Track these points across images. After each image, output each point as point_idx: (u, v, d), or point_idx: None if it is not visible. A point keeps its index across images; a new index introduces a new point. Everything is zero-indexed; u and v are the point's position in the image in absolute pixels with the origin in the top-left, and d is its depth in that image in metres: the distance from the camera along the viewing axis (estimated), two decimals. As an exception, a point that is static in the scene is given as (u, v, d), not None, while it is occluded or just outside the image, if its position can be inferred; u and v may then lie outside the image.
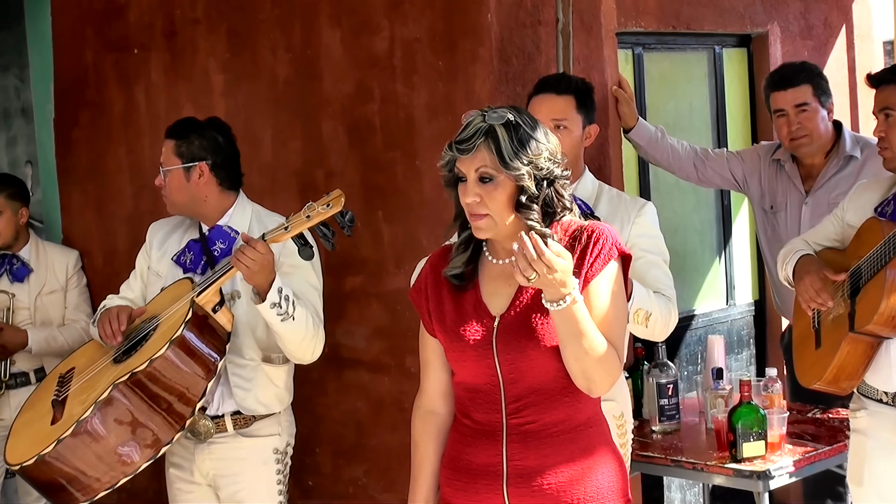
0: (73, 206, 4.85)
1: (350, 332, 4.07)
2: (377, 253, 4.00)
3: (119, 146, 4.67)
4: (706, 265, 4.67)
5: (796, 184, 4.04)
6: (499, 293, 2.46)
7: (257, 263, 3.04)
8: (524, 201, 2.39)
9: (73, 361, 3.35)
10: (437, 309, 2.50)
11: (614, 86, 3.99)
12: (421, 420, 2.58)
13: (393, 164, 3.98)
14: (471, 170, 2.39)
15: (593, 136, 3.35)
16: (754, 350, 4.77)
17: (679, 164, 4.10)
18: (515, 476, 2.42)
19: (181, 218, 3.43)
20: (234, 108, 4.28)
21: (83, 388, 3.13)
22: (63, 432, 2.99)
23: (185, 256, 3.32)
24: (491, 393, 2.44)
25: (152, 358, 3.00)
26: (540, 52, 3.85)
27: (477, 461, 2.46)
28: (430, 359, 2.57)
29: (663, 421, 3.69)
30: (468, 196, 2.39)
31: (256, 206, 3.41)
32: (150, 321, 3.17)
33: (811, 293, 3.10)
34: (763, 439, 3.37)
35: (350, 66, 4.06)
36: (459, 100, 3.80)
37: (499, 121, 2.38)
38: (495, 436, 2.44)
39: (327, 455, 4.23)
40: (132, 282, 3.45)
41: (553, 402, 2.42)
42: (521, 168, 2.37)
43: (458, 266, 2.48)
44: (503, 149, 2.36)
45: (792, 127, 3.94)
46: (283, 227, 3.06)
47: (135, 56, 4.60)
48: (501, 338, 2.42)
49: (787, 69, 4.08)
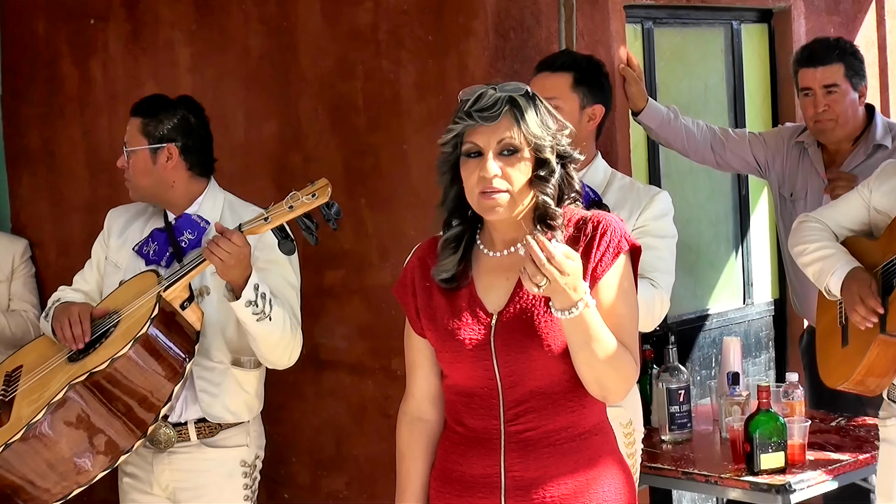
0: (23, 192, 4.88)
1: (330, 331, 4.11)
2: (360, 245, 4.04)
3: (74, 126, 4.70)
4: (721, 260, 4.73)
5: (818, 170, 4.10)
6: (496, 287, 2.49)
7: (233, 257, 3.04)
8: (543, 175, 2.43)
9: (21, 358, 3.36)
10: (427, 306, 2.52)
11: (622, 64, 4.03)
12: (408, 428, 2.60)
13: (377, 147, 4.02)
14: (492, 141, 2.41)
15: (598, 118, 3.39)
16: (773, 353, 4.83)
17: (695, 146, 4.14)
18: (514, 488, 2.45)
19: (144, 205, 3.46)
20: (202, 85, 4.31)
21: (33, 388, 3.15)
22: (10, 437, 3.00)
23: (149, 247, 3.34)
24: (488, 397, 2.46)
25: (114, 357, 3.01)
26: (540, 25, 3.90)
27: (472, 472, 2.48)
28: (417, 360, 2.59)
29: (674, 430, 3.74)
30: (489, 169, 2.40)
31: (229, 195, 3.44)
32: (110, 316, 3.19)
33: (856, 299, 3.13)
34: (783, 450, 3.42)
35: (330, 40, 4.10)
36: (451, 77, 3.84)
37: (517, 91, 2.43)
38: (492, 444, 2.47)
39: (305, 465, 4.27)
40: (87, 273, 3.46)
41: (556, 408, 2.45)
42: (545, 139, 2.42)
43: (449, 268, 2.50)
44: (529, 118, 2.41)
45: (818, 108, 4.00)
46: (262, 218, 3.07)
47: (91, 26, 4.63)
48: (500, 337, 2.45)
49: (818, 45, 4.12)
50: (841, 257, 3.24)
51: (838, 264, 3.23)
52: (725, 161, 4.21)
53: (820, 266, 3.29)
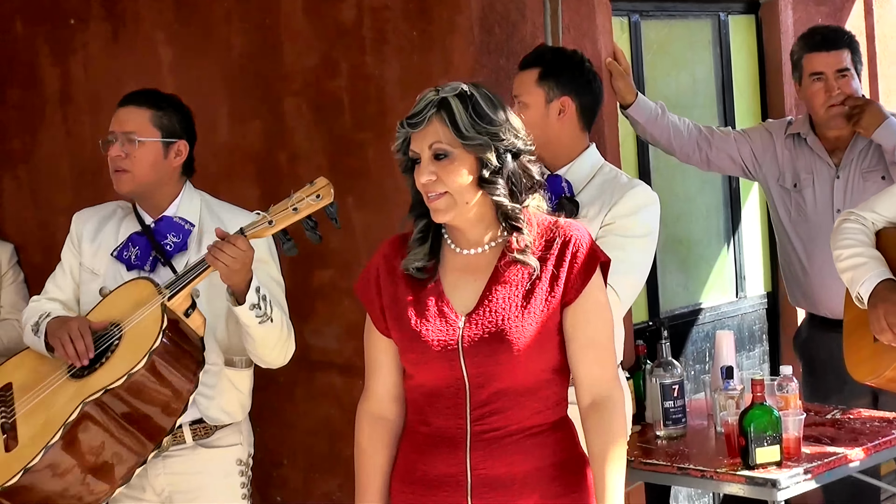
0: (6, 195, 4.87)
1: (320, 331, 4.11)
2: (348, 244, 4.04)
3: (56, 128, 4.69)
4: (713, 254, 4.74)
5: (823, 157, 4.11)
6: (464, 287, 2.50)
7: (237, 261, 3.03)
8: (487, 176, 2.44)
9: (7, 375, 3.28)
10: (393, 306, 2.53)
11: (608, 58, 4.03)
12: (369, 426, 2.60)
13: (363, 145, 4.02)
14: (424, 146, 2.45)
15: (568, 109, 3.33)
16: (767, 346, 4.84)
17: (681, 144, 4.15)
18: (480, 485, 2.47)
19: (112, 207, 3.40)
20: (185, 85, 4.30)
21: (37, 409, 3.09)
22: (29, 461, 2.95)
23: (129, 251, 3.30)
24: (454, 397, 2.48)
25: (130, 372, 2.98)
26: (525, 19, 3.90)
27: (435, 471, 2.49)
28: (379, 359, 2.60)
29: (668, 425, 3.75)
30: (422, 175, 2.45)
31: (205, 195, 3.41)
32: (111, 329, 3.13)
33: (884, 325, 3.20)
34: (778, 444, 3.42)
35: (314, 37, 4.09)
36: (436, 73, 3.84)
37: (452, 92, 2.45)
38: (456, 443, 2.48)
39: (297, 468, 4.27)
40: (61, 281, 3.38)
41: (521, 407, 2.47)
42: (478, 139, 2.43)
43: (420, 258, 2.51)
44: (458, 120, 2.42)
45: (832, 92, 4.00)
46: (266, 221, 3.07)
47: (71, 27, 4.62)
48: (469, 340, 2.46)
49: (826, 30, 4.14)
50: (872, 267, 3.30)
51: (868, 274, 3.29)
52: (712, 159, 4.21)
53: (851, 275, 3.35)
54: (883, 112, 3.94)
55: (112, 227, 3.35)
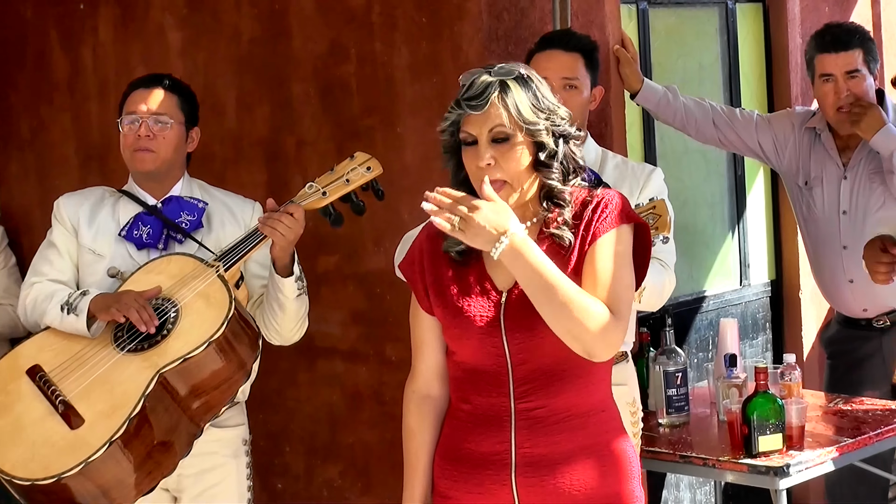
0: (12, 179, 4.88)
1: (324, 317, 4.12)
2: (354, 229, 4.04)
3: (63, 112, 4.70)
4: (717, 241, 4.75)
5: (833, 156, 4.08)
6: (504, 265, 2.50)
7: (293, 232, 3.10)
8: (544, 159, 2.46)
9: (28, 360, 3.22)
10: (436, 283, 2.55)
11: (616, 45, 4.03)
12: (416, 405, 2.62)
13: (371, 130, 4.03)
14: (483, 130, 2.44)
15: (598, 99, 3.45)
16: (771, 335, 4.85)
17: (695, 125, 4.14)
18: (524, 465, 2.48)
19: (98, 191, 3.41)
20: (193, 70, 4.31)
21: (94, 386, 3.07)
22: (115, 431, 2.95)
23: (140, 230, 3.32)
24: (497, 375, 2.49)
25: (211, 339, 3.02)
26: (534, 6, 3.91)
27: (480, 450, 2.51)
28: (425, 338, 2.61)
29: (671, 413, 3.76)
30: (481, 159, 2.43)
31: (199, 181, 3.45)
32: (161, 303, 3.14)
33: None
34: (780, 432, 3.44)
35: (323, 23, 4.10)
36: (445, 59, 3.85)
37: (509, 75, 2.45)
38: (501, 422, 2.49)
39: (298, 454, 4.29)
40: (58, 263, 3.35)
41: (564, 385, 2.48)
42: (539, 123, 2.44)
43: (460, 242, 2.50)
44: (520, 103, 2.43)
45: (841, 94, 3.97)
46: (319, 192, 3.14)
47: (80, 11, 4.63)
48: (510, 315, 2.48)
49: (838, 29, 4.08)
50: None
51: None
52: (728, 140, 4.19)
53: None
54: (883, 118, 3.90)
55: (108, 210, 3.37)
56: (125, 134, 3.33)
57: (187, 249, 3.29)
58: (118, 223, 3.35)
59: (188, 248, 3.30)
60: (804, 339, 4.77)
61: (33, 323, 3.31)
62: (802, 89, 4.68)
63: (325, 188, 3.14)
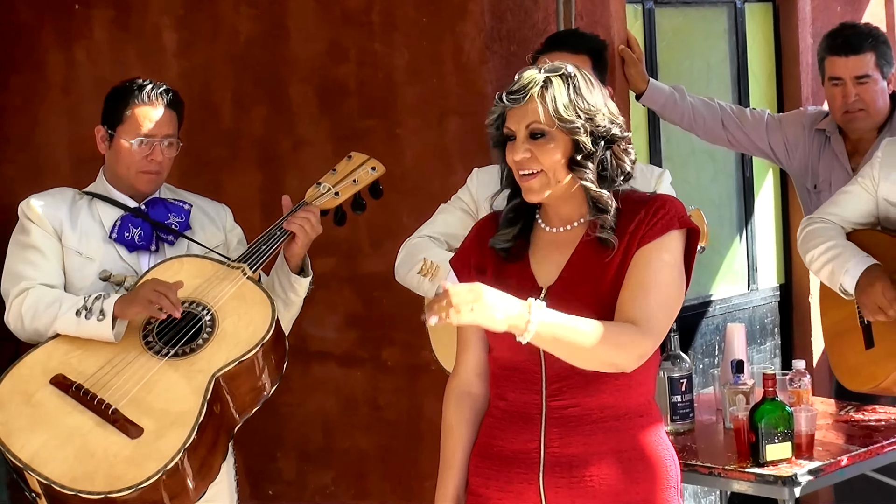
0: (4, 180, 4.86)
1: (319, 320, 4.10)
2: (351, 232, 4.01)
3: (58, 115, 4.69)
4: (725, 244, 4.72)
5: (842, 160, 4.04)
6: (549, 262, 2.53)
7: (315, 230, 3.20)
8: (579, 159, 2.46)
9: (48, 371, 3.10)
10: (481, 278, 2.53)
11: (621, 45, 4.02)
12: (455, 402, 2.62)
13: (370, 132, 4.02)
14: (521, 124, 2.46)
15: None
16: (779, 340, 4.82)
17: (703, 125, 4.11)
18: (553, 464, 2.47)
19: (69, 192, 3.36)
20: (190, 71, 4.31)
21: (143, 394, 3.02)
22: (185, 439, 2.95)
23: (131, 233, 3.30)
24: (530, 371, 2.50)
25: (263, 340, 3.06)
26: (537, 6, 3.89)
27: (510, 447, 2.51)
28: (468, 335, 2.62)
29: (676, 420, 3.72)
30: (517, 153, 2.46)
31: (165, 182, 3.41)
32: (192, 306, 3.12)
33: (883, 303, 3.11)
34: (789, 440, 3.39)
35: (321, 23, 4.08)
36: (445, 60, 3.83)
37: (555, 72, 2.47)
38: (532, 419, 2.49)
39: (291, 460, 4.27)
40: (45, 266, 3.25)
41: (599, 385, 2.47)
42: (576, 121, 2.45)
43: (508, 239, 2.55)
44: (558, 100, 2.44)
45: (848, 99, 3.93)
46: (332, 192, 3.24)
47: (76, 12, 4.62)
48: None
49: (850, 32, 4.02)
50: (852, 253, 3.21)
51: (850, 261, 3.22)
52: (738, 141, 4.17)
53: (831, 267, 3.28)
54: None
55: (86, 213, 3.32)
56: (132, 151, 3.27)
57: (178, 251, 3.28)
58: (101, 225, 3.30)
59: (179, 250, 3.29)
60: (814, 344, 4.74)
61: (32, 331, 3.20)
62: (813, 90, 4.65)
63: (336, 188, 3.22)
